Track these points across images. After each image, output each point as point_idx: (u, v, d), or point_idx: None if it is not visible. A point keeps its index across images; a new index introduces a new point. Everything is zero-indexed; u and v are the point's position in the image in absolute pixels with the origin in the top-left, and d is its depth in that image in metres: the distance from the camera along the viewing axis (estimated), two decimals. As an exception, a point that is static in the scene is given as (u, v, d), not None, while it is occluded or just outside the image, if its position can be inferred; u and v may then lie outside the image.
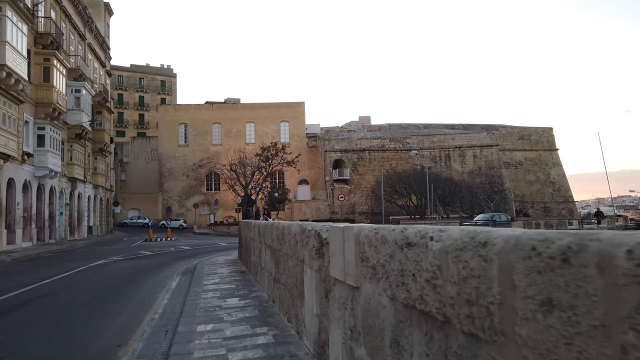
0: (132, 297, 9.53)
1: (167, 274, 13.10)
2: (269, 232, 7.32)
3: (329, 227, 3.71)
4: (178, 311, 7.27)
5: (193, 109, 64.37)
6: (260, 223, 8.77)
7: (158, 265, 15.54)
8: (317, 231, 4.03)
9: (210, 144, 62.92)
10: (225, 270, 12.32)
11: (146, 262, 16.97)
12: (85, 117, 32.65)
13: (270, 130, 62.06)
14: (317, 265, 4.07)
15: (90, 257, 18.82)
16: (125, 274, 13.39)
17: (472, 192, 49.94)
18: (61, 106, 28.44)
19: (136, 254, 20.66)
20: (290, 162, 44.75)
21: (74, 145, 32.94)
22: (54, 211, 29.75)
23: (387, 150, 62.95)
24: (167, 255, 19.86)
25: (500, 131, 71.75)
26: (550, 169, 77.38)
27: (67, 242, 28.98)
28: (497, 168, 63.16)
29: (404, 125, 78.29)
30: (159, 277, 12.44)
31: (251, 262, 10.66)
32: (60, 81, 28.36)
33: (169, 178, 62.87)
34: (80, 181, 34.82)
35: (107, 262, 16.91)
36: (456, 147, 63.35)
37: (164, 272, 13.72)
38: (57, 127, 28.37)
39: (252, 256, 10.47)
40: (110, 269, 14.74)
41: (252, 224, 10.17)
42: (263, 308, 6.94)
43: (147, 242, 29.28)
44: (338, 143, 62.82)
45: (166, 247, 24.10)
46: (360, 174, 62.00)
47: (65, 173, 31.85)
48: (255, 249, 9.69)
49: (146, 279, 12.27)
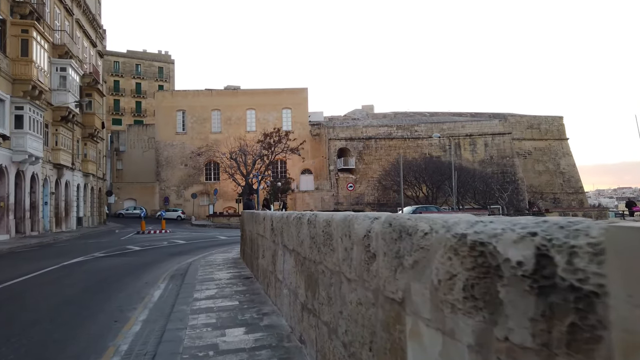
0: (94, 318, 6.83)
1: (152, 278, 10.41)
2: (292, 229, 4.61)
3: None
4: (150, 354, 4.57)
5: (191, 95, 61.42)
6: (274, 214, 6.06)
7: (143, 266, 12.85)
8: (480, 241, 1.36)
9: (209, 131, 60.10)
10: (224, 275, 9.63)
11: (131, 260, 14.29)
12: (72, 97, 29.79)
13: (272, 117, 59.15)
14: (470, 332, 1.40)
15: (68, 254, 16.15)
16: (99, 278, 10.70)
17: (486, 183, 47.27)
18: (43, 84, 25.61)
19: (123, 249, 17.98)
20: (294, 150, 41.90)
21: (60, 128, 30.13)
22: (36, 200, 27.04)
23: (395, 139, 60.17)
24: (157, 251, 17.18)
25: (509, 120, 68.97)
26: (560, 159, 74.96)
27: (50, 235, 26.30)
28: (509, 157, 60.49)
29: (409, 113, 75.42)
30: (139, 284, 9.75)
31: (259, 267, 7.98)
32: (41, 56, 25.51)
33: (167, 167, 60.13)
34: (68, 168, 32.04)
35: (84, 261, 14.23)
36: (467, 135, 60.59)
37: (148, 275, 11.03)
38: (38, 107, 25.56)
39: (260, 258, 7.80)
40: (82, 270, 12.05)
41: (261, 216, 7.45)
42: (286, 356, 4.22)
43: (138, 235, 26.60)
44: (343, 131, 60.00)
45: (158, 241, 21.43)
46: (366, 164, 59.28)
47: (49, 159, 29.09)
48: (265, 250, 7.01)
49: (123, 285, 9.58)
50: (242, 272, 9.86)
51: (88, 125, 36.09)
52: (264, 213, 7.42)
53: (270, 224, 6.27)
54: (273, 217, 6.06)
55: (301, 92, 61.96)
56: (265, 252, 7.09)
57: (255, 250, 8.33)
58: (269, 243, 6.54)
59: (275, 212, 6.95)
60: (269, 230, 6.50)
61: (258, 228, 7.91)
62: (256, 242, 8.33)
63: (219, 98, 60.98)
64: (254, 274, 8.85)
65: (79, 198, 35.34)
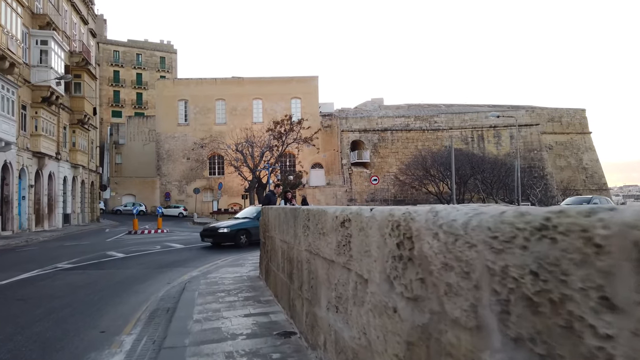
0: None
1: (116, 321, 6.21)
2: None
3: None
4: None
5: (194, 83, 57.26)
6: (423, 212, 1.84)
7: (114, 288, 8.66)
8: None
9: (213, 122, 56.00)
10: (241, 319, 5.42)
11: (101, 276, 10.10)
12: (54, 74, 25.60)
13: (280, 107, 54.89)
14: None
15: (22, 264, 11.99)
16: (26, 320, 6.46)
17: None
18: (15, 55, 21.43)
19: (101, 256, 13.80)
20: (307, 140, 37.56)
21: (41, 111, 25.97)
22: (9, 194, 22.91)
23: (413, 130, 55.85)
24: (144, 259, 12.97)
25: (528, 112, 64.80)
26: (582, 153, 70.89)
27: (26, 235, 22.15)
28: (537, 150, 56.28)
29: (424, 105, 70.97)
30: (89, 336, 5.53)
31: (318, 321, 3.79)
32: (13, 21, 21.32)
33: (168, 160, 56.10)
34: (51, 158, 27.90)
35: (34, 277, 10.04)
36: (490, 127, 56.26)
37: (114, 309, 6.82)
38: (9, 83, 21.40)
39: (320, 302, 3.65)
40: (15, 299, 7.83)
41: (339, 217, 3.16)
42: None
43: (129, 236, 22.39)
44: (356, 122, 55.74)
45: (150, 244, 17.23)
46: (382, 157, 55.04)
47: (27, 146, 24.95)
48: (344, 292, 2.83)
49: (51, 343, 5.35)
50: (269, 313, 5.61)
51: (77, 110, 31.93)
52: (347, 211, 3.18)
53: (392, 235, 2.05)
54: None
55: (311, 80, 57.76)
56: (348, 304, 2.90)
57: (311, 286, 4.10)
58: (376, 291, 2.35)
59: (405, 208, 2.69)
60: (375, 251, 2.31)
61: (320, 244, 3.69)
62: (309, 268, 4.12)
63: (223, 87, 56.78)
64: (299, 324, 4.64)
65: (65, 192, 31.20)
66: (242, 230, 15.18)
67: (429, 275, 1.83)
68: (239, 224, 15.62)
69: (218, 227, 15.65)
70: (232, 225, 15.50)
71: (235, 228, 15.27)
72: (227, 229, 15.23)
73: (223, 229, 15.34)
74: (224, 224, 16.16)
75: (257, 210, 15.92)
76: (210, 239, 15.58)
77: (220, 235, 15.26)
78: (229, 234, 15.17)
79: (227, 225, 15.60)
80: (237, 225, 15.46)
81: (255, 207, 17.77)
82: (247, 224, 15.38)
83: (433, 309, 1.79)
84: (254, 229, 14.80)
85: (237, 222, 15.84)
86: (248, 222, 15.50)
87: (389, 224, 2.22)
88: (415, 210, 1.96)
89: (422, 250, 1.88)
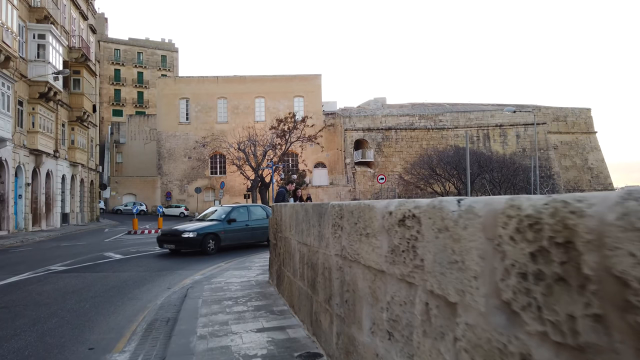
0: None
1: (111, 332, 5.41)
2: None
3: None
4: None
5: (195, 81, 56.47)
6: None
7: (109, 293, 7.86)
8: None
9: (214, 121, 55.22)
10: (253, 335, 4.62)
11: (97, 279, 9.30)
12: (52, 70, 24.81)
13: (283, 106, 54.09)
14: None
15: (14, 265, 11.21)
16: (8, 333, 5.66)
17: (527, 178, 42.23)
18: (10, 48, 20.64)
19: (98, 257, 13.01)
20: (311, 138, 36.73)
21: (38, 107, 25.17)
22: (5, 193, 22.13)
23: (417, 129, 55.04)
24: (143, 261, 12.17)
25: (534, 111, 64.12)
26: (588, 153, 70.20)
27: (22, 235, 21.36)
28: (544, 150, 55.44)
29: (427, 104, 70.13)
30: (75, 354, 4.73)
31: (356, 343, 2.99)
32: (9, 13, 20.53)
33: (169, 160, 55.31)
34: (49, 155, 27.11)
35: (25, 280, 9.25)
36: (496, 126, 55.47)
37: (107, 319, 6.03)
38: (5, 77, 20.61)
39: (362, 323, 2.85)
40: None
41: (393, 214, 2.37)
42: None
43: (128, 236, 21.61)
44: (360, 121, 54.93)
45: (149, 245, 16.46)
46: (386, 156, 54.27)
47: (24, 143, 24.18)
48: (402, 314, 2.03)
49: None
50: (286, 328, 4.80)
51: (76, 107, 31.14)
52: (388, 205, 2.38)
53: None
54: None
55: (314, 79, 56.93)
56: (412, 332, 2.09)
57: (345, 300, 3.28)
58: (479, 323, 1.55)
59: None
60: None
61: (360, 247, 2.88)
62: (342, 278, 3.31)
63: (225, 85, 55.98)
64: (326, 346, 3.84)
65: (64, 191, 30.41)
66: (211, 234, 13.36)
67: (616, 311, 1.03)
68: (207, 227, 13.61)
69: (182, 231, 13.40)
70: (199, 229, 13.35)
71: (203, 232, 13.25)
72: (192, 234, 13.11)
73: (188, 233, 13.18)
74: (189, 226, 13.95)
75: (226, 212, 14.34)
76: (172, 244, 13.42)
77: (184, 240, 13.15)
78: (195, 239, 13.10)
79: (193, 229, 13.40)
80: (205, 229, 13.41)
81: (224, 207, 15.23)
82: (216, 227, 13.60)
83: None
84: (225, 233, 13.53)
85: (204, 225, 13.74)
86: (217, 225, 13.71)
87: (510, 221, 1.41)
88: (583, 198, 1.15)
89: (602, 266, 1.08)
